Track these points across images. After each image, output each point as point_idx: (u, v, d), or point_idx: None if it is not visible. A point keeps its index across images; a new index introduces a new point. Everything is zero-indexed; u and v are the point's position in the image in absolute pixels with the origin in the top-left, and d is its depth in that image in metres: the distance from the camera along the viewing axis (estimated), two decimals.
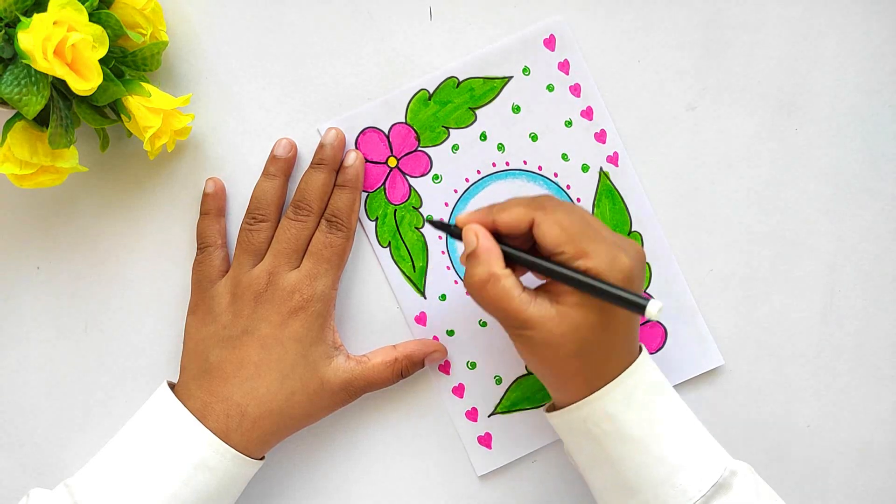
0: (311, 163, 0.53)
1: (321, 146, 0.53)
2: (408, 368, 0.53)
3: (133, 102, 0.49)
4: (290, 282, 0.51)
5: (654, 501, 0.45)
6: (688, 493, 0.44)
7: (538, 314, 0.44)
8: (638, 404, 0.45)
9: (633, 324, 0.47)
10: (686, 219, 0.55)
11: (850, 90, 0.54)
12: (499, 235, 0.46)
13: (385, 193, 0.55)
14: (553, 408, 0.49)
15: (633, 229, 0.55)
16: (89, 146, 0.54)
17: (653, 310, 0.42)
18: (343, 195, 0.53)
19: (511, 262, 0.46)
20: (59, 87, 0.47)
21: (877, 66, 0.54)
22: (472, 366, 0.55)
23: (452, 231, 0.49)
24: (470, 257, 0.46)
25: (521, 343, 0.46)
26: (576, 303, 0.44)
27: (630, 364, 0.46)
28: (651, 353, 0.55)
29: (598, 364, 0.45)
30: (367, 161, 0.54)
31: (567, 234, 0.44)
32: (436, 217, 0.55)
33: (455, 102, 0.54)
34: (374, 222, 0.55)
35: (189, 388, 0.50)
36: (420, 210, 0.55)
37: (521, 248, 0.46)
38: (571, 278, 0.44)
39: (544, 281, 0.47)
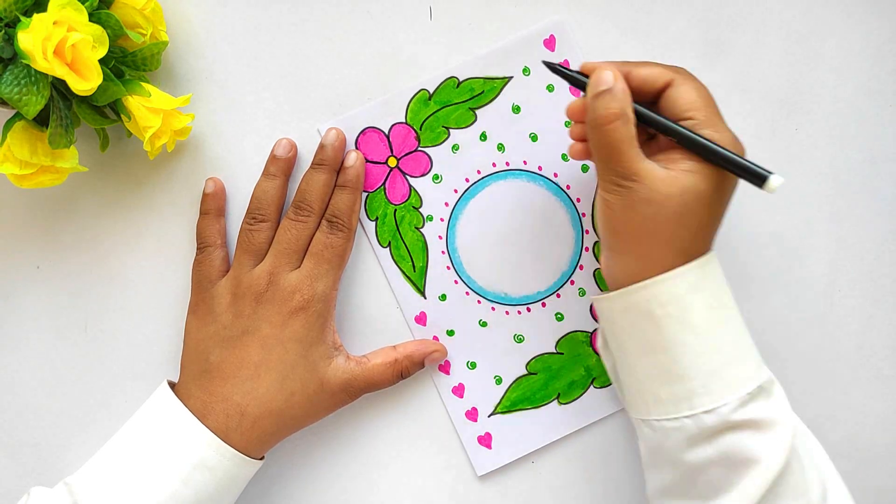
0: (312, 163, 0.53)
1: (322, 147, 0.53)
2: (408, 369, 0.53)
3: (133, 102, 0.49)
4: (291, 282, 0.51)
5: (700, 390, 0.44)
6: (732, 386, 0.44)
7: (650, 169, 0.44)
8: (706, 292, 0.45)
9: (725, 207, 0.46)
10: None
11: (850, 90, 0.54)
12: None
13: (385, 193, 0.55)
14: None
15: None
16: (89, 146, 0.54)
17: (774, 183, 0.43)
18: (344, 196, 0.53)
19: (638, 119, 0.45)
20: (59, 87, 0.47)
21: (877, 66, 0.54)
22: (472, 366, 0.55)
23: (574, 77, 0.47)
24: (604, 93, 0.44)
25: (618, 197, 0.44)
26: (688, 169, 0.44)
27: (703, 254, 0.45)
28: None
29: (685, 239, 0.45)
30: (367, 161, 0.54)
31: (703, 101, 0.45)
32: (434, 217, 0.55)
33: (455, 102, 0.54)
34: (374, 222, 0.55)
35: (189, 387, 0.51)
36: (420, 210, 0.55)
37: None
38: (699, 141, 0.44)
39: None
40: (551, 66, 0.48)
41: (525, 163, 0.54)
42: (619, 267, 0.47)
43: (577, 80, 0.47)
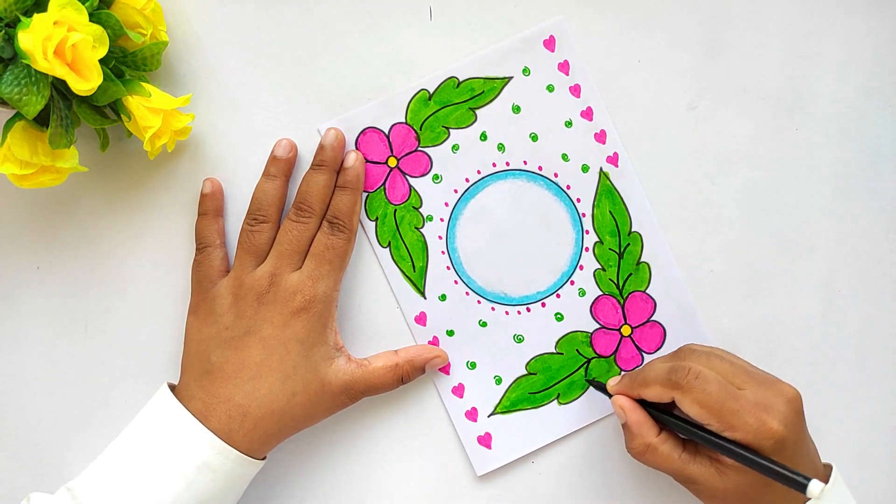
0: (312, 164, 0.53)
1: (321, 147, 0.53)
2: (409, 374, 0.53)
3: (133, 102, 0.49)
4: (293, 283, 0.51)
5: None
6: None
7: (699, 472, 0.47)
8: None
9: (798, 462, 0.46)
10: (686, 219, 0.55)
11: (851, 90, 0.54)
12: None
13: (385, 193, 0.55)
14: None
15: (632, 229, 0.55)
16: (89, 146, 0.54)
17: (814, 491, 0.41)
18: (344, 196, 0.53)
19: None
20: (59, 87, 0.47)
21: (877, 65, 0.54)
22: (472, 366, 0.55)
23: (608, 393, 0.52)
24: (624, 428, 0.50)
25: (692, 492, 0.48)
26: (733, 465, 0.46)
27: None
28: (650, 354, 0.55)
29: None
30: (367, 161, 0.54)
31: (708, 411, 0.45)
32: (434, 217, 0.55)
33: (455, 102, 0.54)
34: (374, 222, 0.55)
35: (190, 388, 0.50)
36: (420, 210, 0.55)
37: (672, 413, 0.49)
38: (723, 448, 0.45)
39: None
40: (593, 384, 0.54)
41: (525, 163, 0.54)
42: None
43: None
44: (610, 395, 0.51)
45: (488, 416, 0.55)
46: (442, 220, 0.55)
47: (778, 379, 0.48)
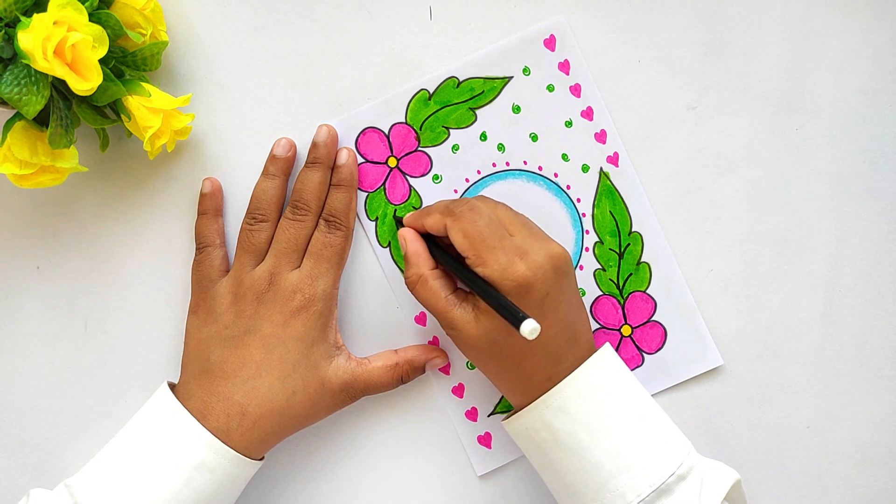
0: (306, 162, 0.53)
1: (314, 145, 0.53)
2: (408, 374, 0.53)
3: (133, 102, 0.49)
4: (292, 282, 0.51)
5: (593, 503, 0.46)
6: (626, 496, 0.45)
7: (460, 316, 0.47)
8: (575, 412, 0.46)
9: (552, 329, 0.47)
10: (686, 219, 0.55)
11: (851, 90, 0.54)
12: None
13: (385, 193, 0.55)
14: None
15: (633, 229, 0.55)
16: (89, 146, 0.54)
17: (525, 329, 0.41)
18: (339, 194, 0.53)
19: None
20: (59, 87, 0.47)
21: (877, 65, 0.54)
22: (472, 366, 0.55)
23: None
24: (404, 258, 0.50)
25: (453, 340, 0.49)
26: (486, 309, 0.46)
27: (577, 365, 0.47)
28: (650, 354, 0.55)
29: (516, 370, 0.47)
30: (367, 161, 0.54)
31: (468, 241, 0.46)
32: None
33: (455, 102, 0.54)
34: (374, 222, 0.55)
35: (189, 387, 0.50)
36: None
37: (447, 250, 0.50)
38: (471, 282, 0.46)
39: None
40: (397, 219, 0.54)
41: (525, 163, 0.54)
42: (502, 391, 0.51)
43: None
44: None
45: (488, 416, 0.55)
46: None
47: (552, 239, 0.48)
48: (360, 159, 0.54)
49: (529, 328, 0.41)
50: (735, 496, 0.49)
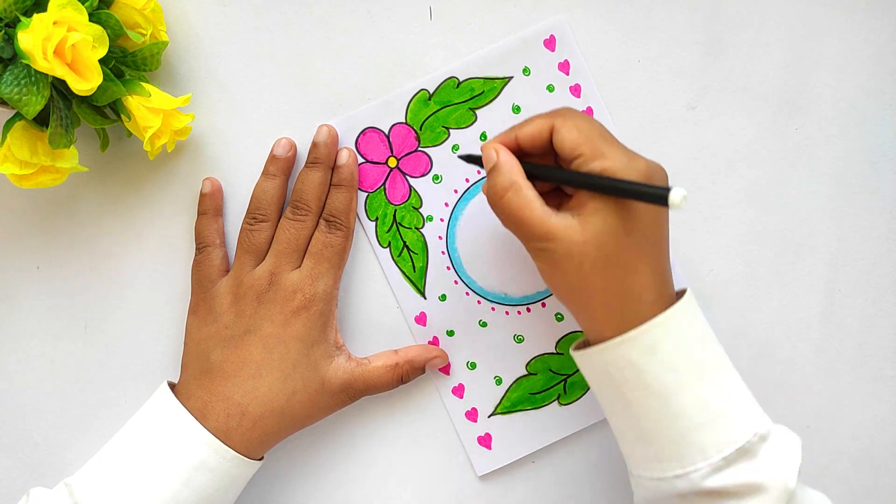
0: (306, 162, 0.53)
1: (314, 145, 0.53)
2: (408, 374, 0.53)
3: (133, 102, 0.49)
4: (292, 282, 0.51)
5: (667, 454, 0.43)
6: (706, 452, 0.42)
7: (560, 224, 0.43)
8: (665, 354, 0.43)
9: (657, 236, 0.44)
10: (686, 219, 0.55)
11: (851, 90, 0.54)
12: (521, 155, 0.46)
13: (385, 193, 0.55)
14: (582, 345, 0.47)
15: None
16: (89, 146, 0.54)
17: (676, 197, 0.39)
18: (339, 194, 0.53)
19: (532, 178, 0.45)
20: (59, 87, 0.47)
21: (878, 65, 0.54)
22: (472, 366, 0.55)
23: (480, 160, 0.48)
24: (491, 171, 0.45)
25: (544, 261, 0.44)
26: (596, 209, 0.43)
27: (665, 308, 0.44)
28: None
29: (621, 283, 0.43)
30: (367, 161, 0.54)
31: (584, 136, 0.44)
32: (434, 217, 0.55)
33: (455, 102, 0.54)
34: (374, 222, 0.55)
35: (189, 387, 0.51)
36: (420, 210, 0.55)
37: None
38: (589, 179, 0.43)
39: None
40: (463, 157, 0.50)
41: None
42: (584, 326, 0.46)
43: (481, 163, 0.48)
44: (480, 165, 0.48)
45: (488, 417, 0.55)
46: (442, 220, 0.55)
47: None
48: (361, 159, 0.54)
49: (680, 195, 0.39)
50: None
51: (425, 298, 0.55)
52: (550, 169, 0.45)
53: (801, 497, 0.43)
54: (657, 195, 0.40)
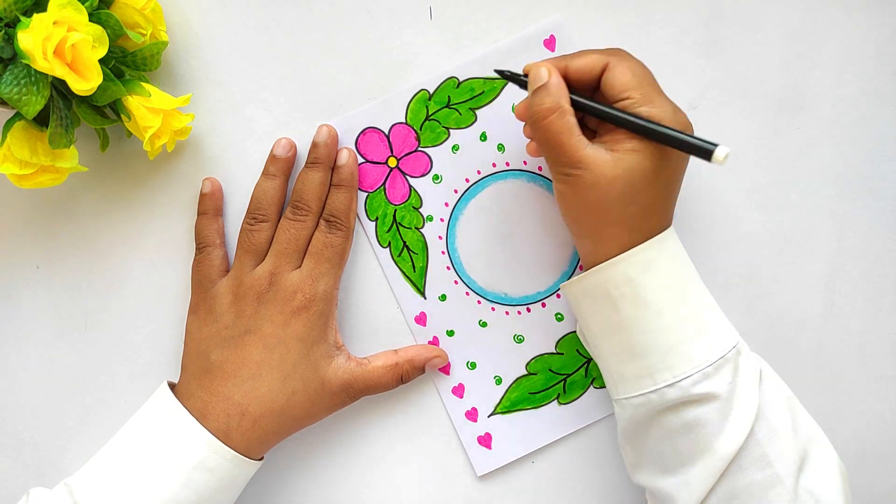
0: (307, 162, 0.53)
1: (314, 145, 0.53)
2: (408, 373, 0.53)
3: (133, 102, 0.49)
4: (293, 282, 0.51)
5: (660, 366, 0.45)
6: (694, 360, 0.45)
7: (594, 154, 0.45)
8: (659, 271, 0.46)
9: (677, 182, 0.48)
10: (686, 219, 0.55)
11: (852, 90, 0.54)
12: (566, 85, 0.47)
13: (385, 193, 0.55)
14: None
15: None
16: (89, 146, 0.54)
17: (720, 154, 0.42)
18: (339, 195, 0.53)
19: (576, 109, 0.47)
20: (59, 87, 0.47)
21: (878, 65, 0.54)
22: (472, 366, 0.55)
23: (518, 78, 0.49)
24: (539, 90, 0.46)
25: (568, 185, 0.46)
26: (632, 148, 0.45)
27: (660, 232, 0.46)
28: None
29: (636, 216, 0.46)
30: (367, 161, 0.54)
31: (637, 80, 0.46)
32: (434, 217, 0.55)
33: (455, 102, 0.54)
34: (374, 222, 0.55)
35: (189, 387, 0.51)
36: (420, 210, 0.55)
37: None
38: (636, 122, 0.45)
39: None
40: (500, 72, 0.50)
41: (525, 163, 0.54)
42: (584, 251, 0.48)
43: (523, 82, 0.48)
44: (521, 83, 0.48)
45: (488, 417, 0.55)
46: (442, 220, 0.55)
47: None
48: (361, 159, 0.54)
49: (724, 152, 0.42)
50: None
51: (425, 298, 0.55)
52: (597, 104, 0.46)
53: (776, 408, 0.46)
54: (703, 149, 0.43)
